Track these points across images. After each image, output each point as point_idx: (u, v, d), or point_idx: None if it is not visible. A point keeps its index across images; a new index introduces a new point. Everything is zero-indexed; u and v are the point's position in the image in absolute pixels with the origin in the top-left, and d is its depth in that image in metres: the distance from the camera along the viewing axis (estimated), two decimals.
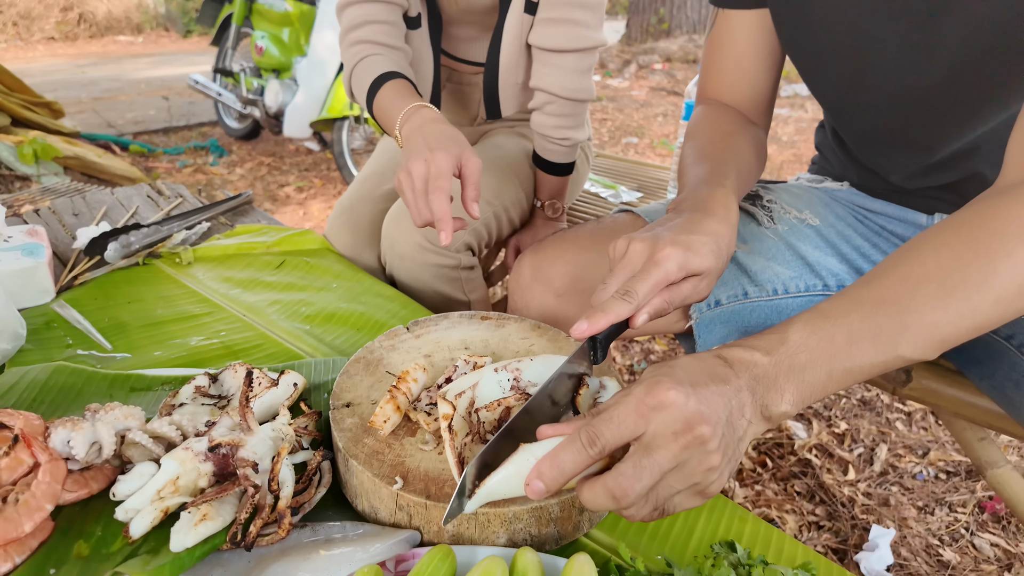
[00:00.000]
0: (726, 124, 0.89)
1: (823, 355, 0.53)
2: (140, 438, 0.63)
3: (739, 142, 0.86)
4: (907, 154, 0.88)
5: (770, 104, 0.96)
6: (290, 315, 1.01)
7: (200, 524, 0.58)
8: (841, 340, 0.53)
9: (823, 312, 0.55)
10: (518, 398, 0.66)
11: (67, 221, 1.29)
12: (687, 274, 0.64)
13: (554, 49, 1.17)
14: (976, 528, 1.41)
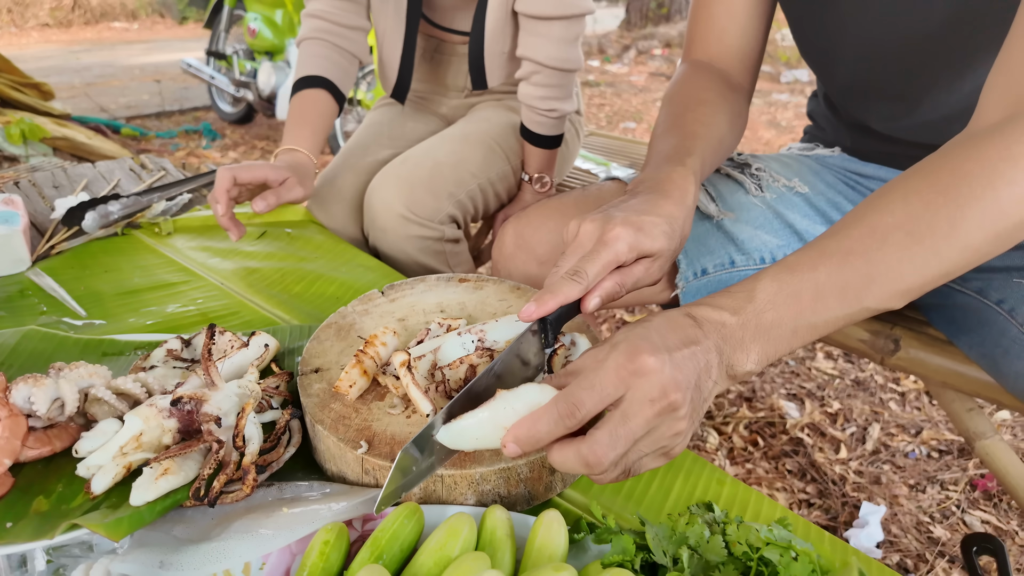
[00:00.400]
0: (704, 91, 0.86)
1: (789, 312, 0.53)
2: (103, 394, 0.62)
3: (712, 112, 0.83)
4: (895, 105, 0.86)
5: (757, 62, 0.94)
6: (269, 283, 0.99)
7: (161, 478, 0.56)
8: (807, 296, 0.53)
9: (790, 266, 0.54)
10: (481, 355, 0.65)
11: (47, 193, 1.27)
12: (638, 255, 0.62)
13: (540, 16, 1.15)
14: (967, 506, 1.40)
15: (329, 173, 1.29)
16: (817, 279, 0.53)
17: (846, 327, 0.55)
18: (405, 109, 1.45)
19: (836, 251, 0.54)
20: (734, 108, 0.88)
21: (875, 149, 0.94)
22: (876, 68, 0.84)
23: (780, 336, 0.53)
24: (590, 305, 0.60)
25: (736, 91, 0.92)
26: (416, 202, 1.16)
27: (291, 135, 1.15)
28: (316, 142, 1.16)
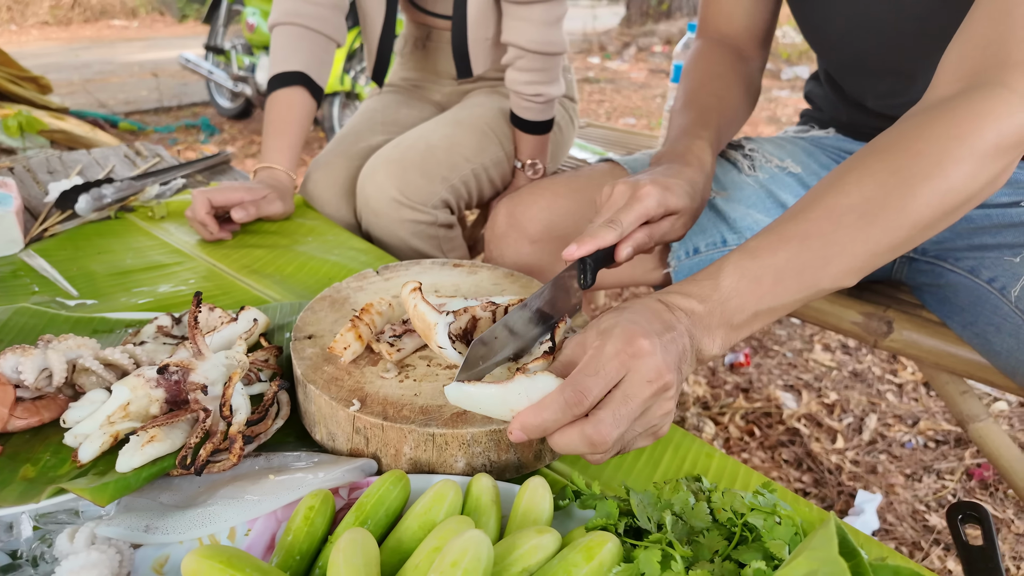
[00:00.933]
0: (717, 64, 0.90)
1: (751, 298, 0.56)
2: (91, 364, 0.62)
3: (726, 85, 0.88)
4: (890, 81, 0.86)
5: (767, 35, 0.96)
6: (261, 265, 0.99)
7: (148, 445, 0.56)
8: (768, 281, 0.56)
9: (751, 252, 0.57)
10: (485, 307, 0.66)
11: (41, 178, 1.27)
12: (665, 211, 0.68)
13: (521, 0, 1.15)
14: (963, 494, 1.40)
15: (322, 159, 1.29)
16: (777, 264, 0.56)
17: (799, 307, 0.59)
18: (399, 96, 1.45)
19: (795, 235, 0.57)
20: (746, 79, 0.92)
21: (871, 126, 0.94)
22: (870, 43, 0.85)
23: (742, 321, 0.56)
24: (623, 254, 0.67)
25: (748, 62, 0.95)
26: (409, 185, 1.16)
27: (269, 148, 1.14)
28: (294, 155, 1.15)
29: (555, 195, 0.94)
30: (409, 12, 1.41)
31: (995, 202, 0.87)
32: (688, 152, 0.77)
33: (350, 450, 0.62)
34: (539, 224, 0.93)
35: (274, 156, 1.13)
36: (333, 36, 1.20)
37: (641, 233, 0.68)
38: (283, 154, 1.13)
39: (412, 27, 1.44)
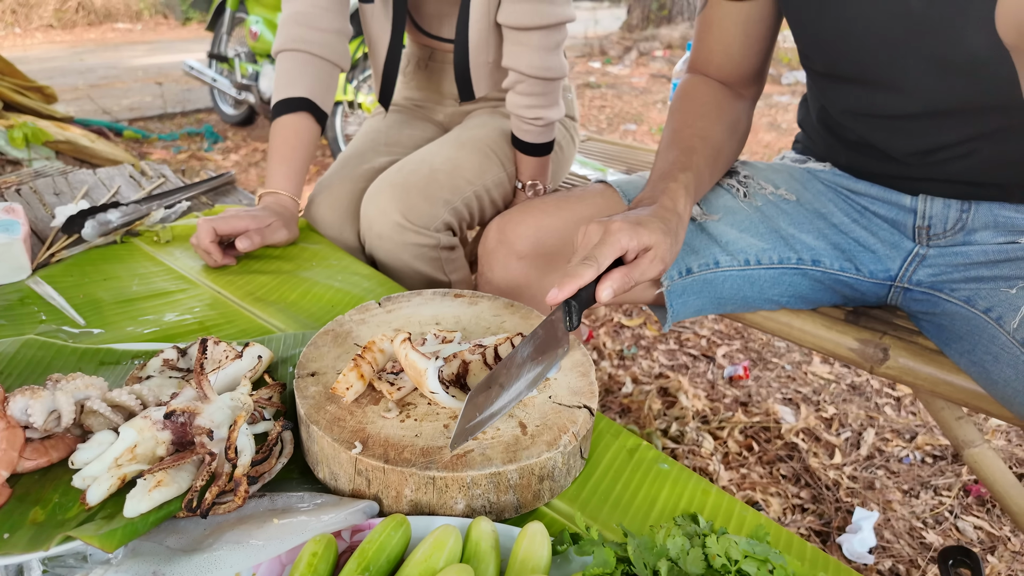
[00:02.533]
0: (703, 104, 0.92)
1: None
2: (98, 407, 0.63)
3: (709, 125, 0.90)
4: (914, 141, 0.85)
5: (758, 78, 0.97)
6: (265, 292, 1.00)
7: (155, 490, 0.58)
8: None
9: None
10: (473, 351, 0.68)
11: (48, 200, 1.28)
12: (640, 246, 0.71)
13: (520, 27, 1.16)
14: (960, 511, 1.41)
15: (326, 181, 1.30)
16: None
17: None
18: (402, 116, 1.46)
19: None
20: (732, 117, 0.93)
21: (869, 169, 0.94)
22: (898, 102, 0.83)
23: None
24: (603, 294, 0.69)
25: (738, 99, 0.95)
26: (412, 210, 1.17)
27: (274, 173, 1.15)
28: (299, 181, 1.17)
29: (543, 213, 0.96)
30: (412, 34, 1.42)
31: (991, 241, 0.88)
32: (662, 195, 0.79)
33: (352, 490, 0.63)
34: (527, 241, 0.95)
35: (279, 182, 1.15)
36: (337, 62, 1.22)
37: (619, 274, 0.70)
38: (288, 180, 1.15)
39: (415, 48, 1.45)
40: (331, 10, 1.19)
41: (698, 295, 0.98)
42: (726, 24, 0.92)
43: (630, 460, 0.71)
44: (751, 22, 0.91)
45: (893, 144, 0.88)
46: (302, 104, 1.17)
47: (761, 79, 0.98)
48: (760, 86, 0.98)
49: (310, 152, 1.19)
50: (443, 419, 0.65)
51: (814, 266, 0.98)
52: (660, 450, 1.53)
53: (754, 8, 0.89)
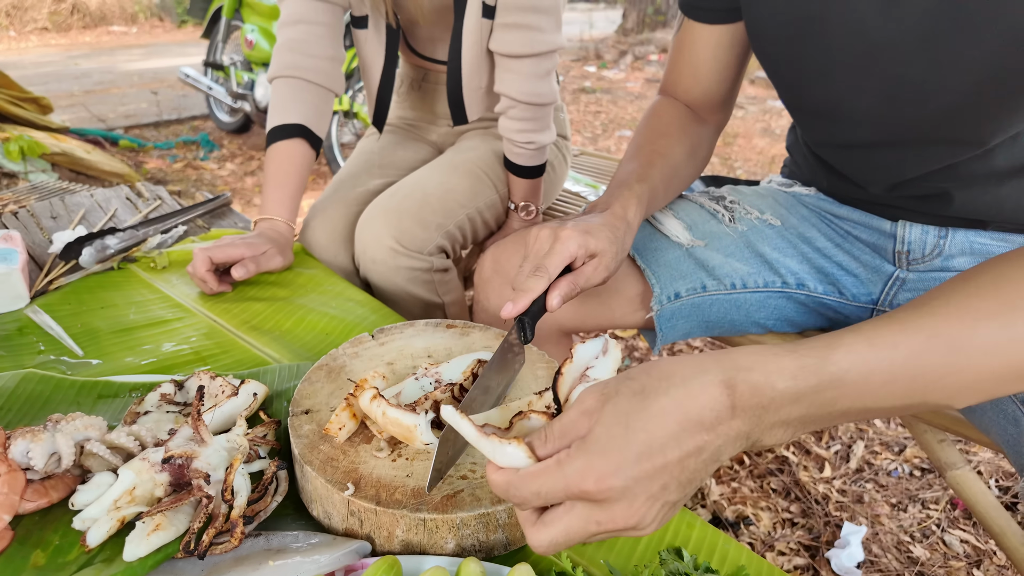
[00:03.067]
0: (667, 125, 0.95)
1: (852, 394, 0.46)
2: (98, 450, 0.65)
3: (671, 144, 0.93)
4: (879, 173, 0.88)
5: (724, 105, 1.00)
6: (260, 320, 1.02)
7: (153, 534, 0.59)
8: (878, 379, 0.46)
9: (869, 338, 0.46)
10: (444, 390, 0.70)
11: (45, 224, 1.30)
12: (587, 253, 0.73)
13: (511, 54, 1.18)
14: (947, 525, 1.43)
15: (320, 204, 1.32)
16: (894, 360, 0.46)
17: (887, 416, 0.49)
18: (395, 137, 1.48)
19: (921, 329, 0.46)
20: (695, 140, 0.96)
21: (850, 195, 0.97)
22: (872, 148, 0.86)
23: (827, 417, 0.47)
24: (553, 303, 0.71)
25: (702, 125, 0.98)
26: (405, 234, 1.19)
27: (269, 199, 1.17)
28: (294, 206, 1.19)
29: None
30: (405, 55, 1.44)
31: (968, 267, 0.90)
32: (615, 201, 0.81)
33: (345, 529, 0.65)
34: None
35: (274, 208, 1.17)
36: (331, 87, 1.24)
37: (565, 282, 0.72)
38: (283, 205, 1.17)
39: (408, 68, 1.47)
40: (324, 37, 1.20)
41: (687, 319, 1.00)
42: (697, 47, 0.95)
43: None
44: (721, 47, 0.93)
45: (864, 175, 0.90)
46: (296, 130, 1.18)
47: (727, 107, 1.00)
48: (725, 114, 1.01)
49: (304, 177, 1.20)
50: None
51: (799, 289, 1.00)
52: None
53: (724, 33, 0.92)
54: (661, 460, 0.44)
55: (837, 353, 0.46)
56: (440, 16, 1.25)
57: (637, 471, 0.43)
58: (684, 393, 0.45)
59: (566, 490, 0.44)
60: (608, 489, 0.43)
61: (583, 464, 0.44)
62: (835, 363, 0.45)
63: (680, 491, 0.46)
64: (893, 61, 0.75)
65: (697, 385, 0.45)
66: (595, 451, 0.44)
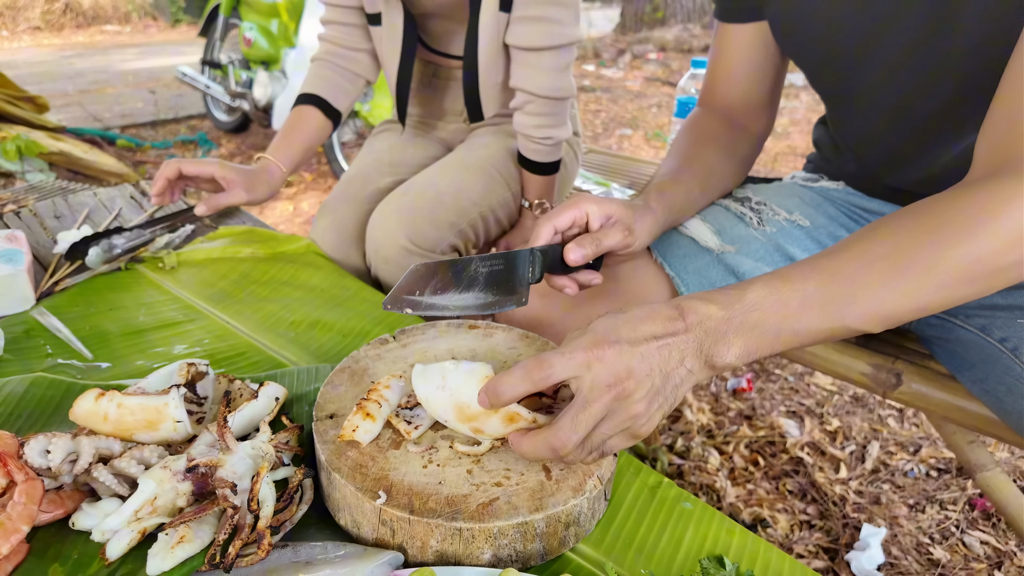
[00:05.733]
0: (701, 133, 0.95)
1: (775, 316, 0.57)
2: (104, 478, 0.61)
3: (705, 148, 0.93)
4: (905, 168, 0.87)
5: (766, 109, 0.98)
6: (274, 322, 0.99)
7: (177, 547, 0.57)
8: (794, 304, 0.58)
9: (783, 276, 0.59)
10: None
11: (49, 224, 1.27)
12: (606, 216, 0.75)
13: (530, 48, 1.16)
14: (966, 526, 1.41)
15: (330, 203, 1.29)
16: (805, 290, 0.58)
17: (825, 340, 0.61)
18: (405, 134, 1.45)
19: (826, 269, 0.59)
20: (731, 143, 0.95)
21: (881, 185, 0.95)
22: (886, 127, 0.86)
23: (763, 336, 0.58)
24: (571, 256, 0.72)
25: (740, 130, 0.95)
26: (418, 233, 1.17)
27: (272, 145, 1.29)
28: (292, 153, 1.29)
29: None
30: (419, 51, 1.41)
31: None
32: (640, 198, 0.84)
33: (375, 539, 0.62)
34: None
35: (273, 151, 1.28)
36: (361, 73, 1.36)
37: (588, 238, 0.74)
38: (282, 151, 1.27)
39: (419, 64, 1.44)
40: (354, 34, 1.33)
41: None
42: (730, 50, 0.94)
43: (652, 499, 0.71)
44: (754, 46, 0.92)
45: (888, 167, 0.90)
46: (312, 99, 1.31)
47: (768, 111, 0.99)
48: (768, 121, 1.00)
49: (310, 135, 1.31)
50: (465, 464, 0.65)
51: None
52: (666, 467, 1.53)
53: (756, 32, 0.91)
54: (647, 343, 0.55)
55: (753, 285, 0.59)
56: (453, 10, 1.23)
57: (632, 343, 0.55)
58: (647, 310, 0.58)
59: (585, 350, 0.55)
60: (613, 349, 0.54)
61: (592, 336, 0.56)
62: (753, 292, 0.58)
63: (666, 381, 0.56)
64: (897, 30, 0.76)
65: (653, 307, 0.58)
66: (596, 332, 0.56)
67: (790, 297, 0.58)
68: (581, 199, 0.75)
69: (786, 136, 4.31)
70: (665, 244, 0.95)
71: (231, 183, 1.18)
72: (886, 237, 0.59)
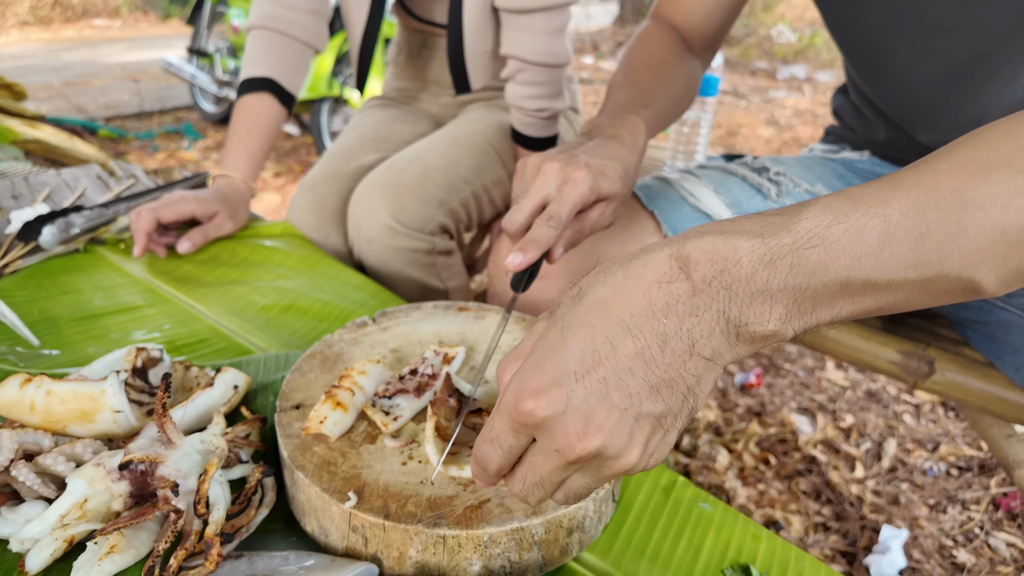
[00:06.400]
0: (664, 51, 0.84)
1: (843, 256, 0.36)
2: (25, 477, 0.52)
3: (670, 72, 0.82)
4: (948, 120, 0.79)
5: (717, 40, 0.90)
6: (243, 305, 0.90)
7: (106, 558, 0.48)
8: (873, 237, 0.36)
9: (852, 197, 0.38)
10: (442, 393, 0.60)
11: (5, 204, 1.17)
12: (596, 198, 0.63)
13: (521, 9, 1.07)
14: (991, 527, 1.33)
15: (310, 180, 1.20)
16: (888, 216, 0.36)
17: (906, 300, 0.39)
18: (392, 110, 1.36)
19: (917, 184, 0.37)
20: (690, 73, 0.85)
21: (914, 151, 0.86)
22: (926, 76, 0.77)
23: (823, 290, 0.36)
24: (556, 255, 0.62)
25: (695, 57, 0.87)
26: (404, 211, 1.07)
27: (230, 155, 1.09)
28: (255, 163, 1.10)
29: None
30: (402, 18, 1.32)
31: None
32: (623, 127, 0.69)
33: (346, 548, 0.53)
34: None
35: (233, 163, 1.08)
36: (311, 42, 1.14)
37: (570, 230, 0.64)
38: (243, 162, 1.08)
39: (406, 34, 1.35)
40: None
41: None
42: None
43: (666, 500, 0.62)
44: None
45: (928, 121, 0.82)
46: (264, 84, 1.09)
47: (714, 47, 0.90)
48: (711, 55, 0.91)
49: (270, 134, 1.11)
50: (451, 462, 0.56)
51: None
52: (671, 466, 1.44)
53: None
54: (611, 357, 0.35)
55: (812, 209, 0.37)
56: None
57: (581, 374, 0.35)
58: (623, 276, 0.37)
59: (508, 422, 0.38)
60: (545, 403, 0.35)
61: (516, 383, 0.37)
62: (810, 218, 0.37)
63: (656, 398, 0.36)
64: None
65: (639, 265, 0.37)
66: (528, 367, 0.37)
67: (866, 226, 0.36)
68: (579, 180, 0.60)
69: (789, 128, 4.23)
70: (675, 218, 0.86)
71: (215, 215, 1.03)
72: (1001, 139, 0.38)
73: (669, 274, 0.36)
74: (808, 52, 6.06)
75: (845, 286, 0.36)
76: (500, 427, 0.39)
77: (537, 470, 0.39)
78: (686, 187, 0.88)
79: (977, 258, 0.37)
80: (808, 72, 5.55)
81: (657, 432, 0.37)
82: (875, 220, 0.36)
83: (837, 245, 0.36)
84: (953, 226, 0.36)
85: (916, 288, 0.38)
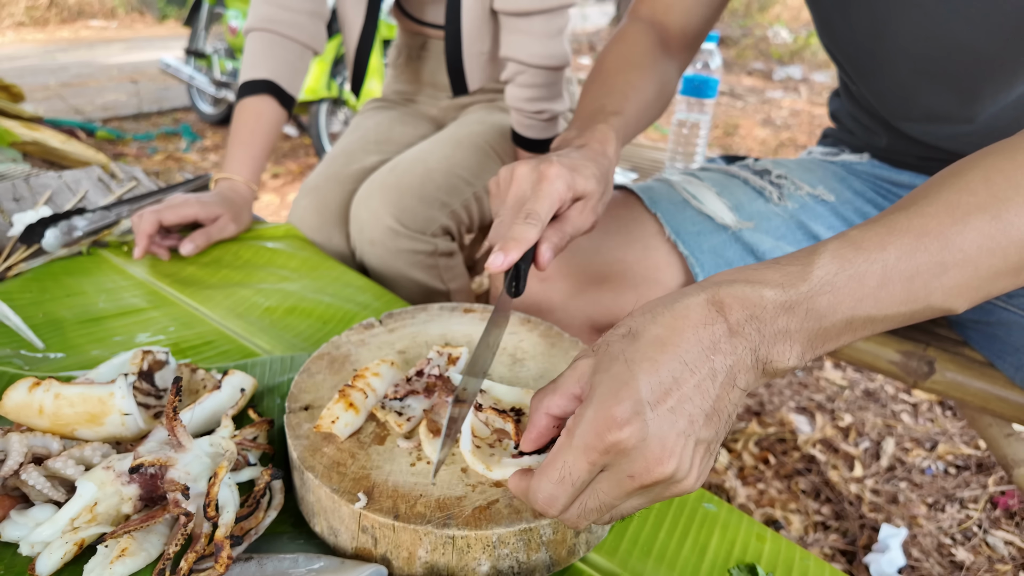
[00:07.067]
0: (639, 55, 0.84)
1: (849, 298, 0.43)
2: (35, 481, 0.52)
3: (642, 77, 0.81)
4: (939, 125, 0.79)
5: (697, 38, 0.89)
6: (247, 308, 0.90)
7: (118, 561, 0.48)
8: (872, 280, 0.43)
9: (854, 242, 0.44)
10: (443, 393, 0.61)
11: (7, 207, 1.17)
12: (574, 195, 0.62)
13: (519, 12, 1.07)
14: (989, 525, 1.34)
15: (311, 182, 1.20)
16: (886, 260, 0.43)
17: (897, 326, 0.46)
18: (393, 112, 1.36)
19: (908, 229, 0.44)
20: (664, 76, 0.85)
21: (914, 154, 0.87)
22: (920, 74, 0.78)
23: (831, 328, 0.43)
24: (544, 259, 0.61)
25: (671, 59, 0.87)
26: (406, 213, 1.08)
27: (231, 158, 1.10)
28: (257, 166, 1.11)
29: None
30: (401, 21, 1.33)
31: None
32: (591, 137, 0.69)
33: (355, 549, 0.53)
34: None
35: (235, 167, 1.09)
36: (309, 44, 1.14)
37: (553, 231, 0.62)
38: (245, 165, 1.08)
39: (405, 36, 1.35)
40: None
41: None
42: None
43: (671, 501, 0.62)
44: None
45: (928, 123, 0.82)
46: (265, 87, 1.10)
47: (695, 46, 0.90)
48: (690, 55, 0.91)
49: (271, 136, 1.12)
50: (460, 462, 0.56)
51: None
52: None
53: None
54: (676, 388, 0.40)
55: (822, 258, 0.44)
56: None
57: (654, 403, 0.40)
58: (671, 318, 0.43)
59: (587, 455, 0.40)
60: (631, 431, 0.39)
61: (593, 415, 0.40)
62: (821, 267, 0.44)
63: (709, 425, 0.41)
64: None
65: (682, 308, 0.43)
66: (603, 398, 0.40)
67: (867, 271, 0.43)
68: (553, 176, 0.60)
69: (786, 128, 4.24)
70: (678, 220, 0.86)
71: (217, 217, 1.03)
72: (978, 183, 0.45)
73: (709, 316, 0.42)
74: (804, 53, 6.09)
75: (849, 323, 0.44)
76: (574, 463, 0.41)
77: (601, 496, 0.42)
78: (689, 190, 0.89)
79: (956, 292, 0.44)
80: (804, 73, 5.57)
81: (708, 455, 0.43)
82: (875, 265, 0.43)
83: (844, 290, 0.43)
84: (938, 267, 0.43)
85: (904, 318, 0.45)
